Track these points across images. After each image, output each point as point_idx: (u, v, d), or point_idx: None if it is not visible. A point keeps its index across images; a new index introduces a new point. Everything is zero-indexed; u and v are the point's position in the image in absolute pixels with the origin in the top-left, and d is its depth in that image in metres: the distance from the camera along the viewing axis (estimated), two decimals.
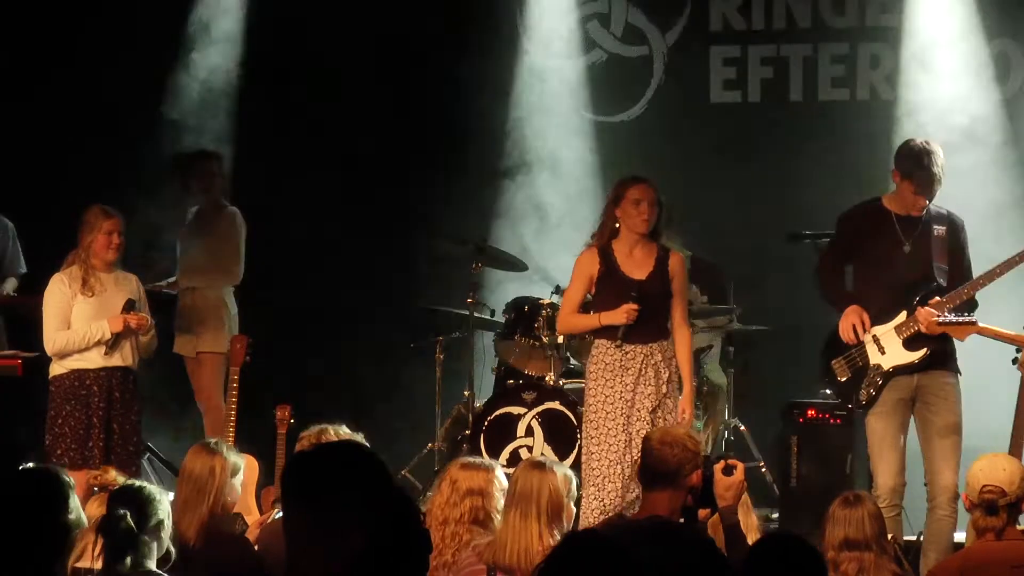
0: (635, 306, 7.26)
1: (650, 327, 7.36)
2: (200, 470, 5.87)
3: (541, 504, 5.54)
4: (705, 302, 9.02)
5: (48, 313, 7.95)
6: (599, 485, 7.21)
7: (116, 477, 5.95)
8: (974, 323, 7.08)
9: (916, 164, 7.13)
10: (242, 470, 6.11)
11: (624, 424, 7.26)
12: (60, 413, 7.88)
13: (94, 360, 7.93)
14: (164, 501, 5.10)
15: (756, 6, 9.86)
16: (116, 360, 7.96)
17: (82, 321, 7.91)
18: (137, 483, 5.22)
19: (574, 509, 5.86)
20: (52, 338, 7.91)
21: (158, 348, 8.30)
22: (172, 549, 5.11)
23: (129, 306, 7.97)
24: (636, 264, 7.39)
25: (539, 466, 5.71)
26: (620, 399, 7.30)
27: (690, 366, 7.42)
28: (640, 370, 7.31)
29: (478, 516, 5.78)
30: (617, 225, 7.39)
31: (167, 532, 5.07)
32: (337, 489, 3.13)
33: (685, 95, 10.02)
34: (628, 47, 10.14)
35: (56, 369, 7.97)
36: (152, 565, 4.92)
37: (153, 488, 5.13)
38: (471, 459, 6.17)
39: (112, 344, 7.90)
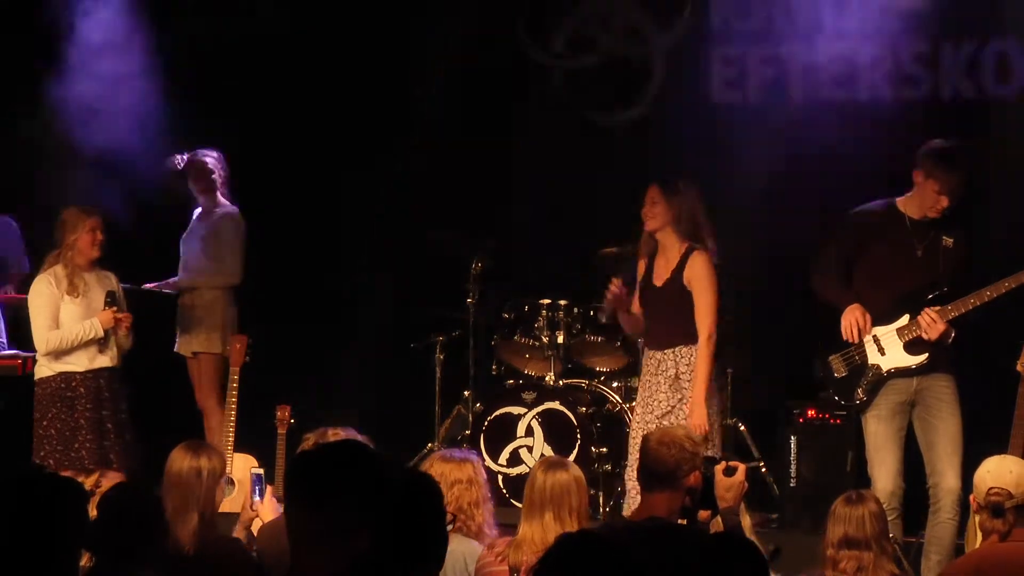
0: (614, 282, 7.37)
1: (665, 331, 7.40)
2: (187, 473, 5.84)
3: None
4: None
5: (38, 314, 7.96)
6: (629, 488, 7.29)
7: (104, 481, 5.92)
8: None
9: (941, 163, 7.03)
10: (231, 470, 6.07)
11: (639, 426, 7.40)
12: (46, 415, 7.91)
13: (81, 362, 7.95)
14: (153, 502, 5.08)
15: (756, 6, 9.84)
16: (104, 361, 7.99)
17: (71, 322, 7.92)
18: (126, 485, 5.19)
19: None
20: (45, 338, 7.92)
21: (161, 348, 8.30)
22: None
23: (110, 299, 7.99)
24: (661, 268, 7.46)
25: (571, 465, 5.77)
26: (639, 400, 7.48)
27: (704, 371, 7.28)
28: (652, 373, 7.40)
29: None
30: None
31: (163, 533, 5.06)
32: (341, 489, 3.13)
33: (685, 95, 10.00)
34: (628, 47, 10.13)
35: (43, 371, 7.99)
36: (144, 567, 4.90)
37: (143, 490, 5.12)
38: (451, 451, 6.18)
39: (103, 342, 7.93)
